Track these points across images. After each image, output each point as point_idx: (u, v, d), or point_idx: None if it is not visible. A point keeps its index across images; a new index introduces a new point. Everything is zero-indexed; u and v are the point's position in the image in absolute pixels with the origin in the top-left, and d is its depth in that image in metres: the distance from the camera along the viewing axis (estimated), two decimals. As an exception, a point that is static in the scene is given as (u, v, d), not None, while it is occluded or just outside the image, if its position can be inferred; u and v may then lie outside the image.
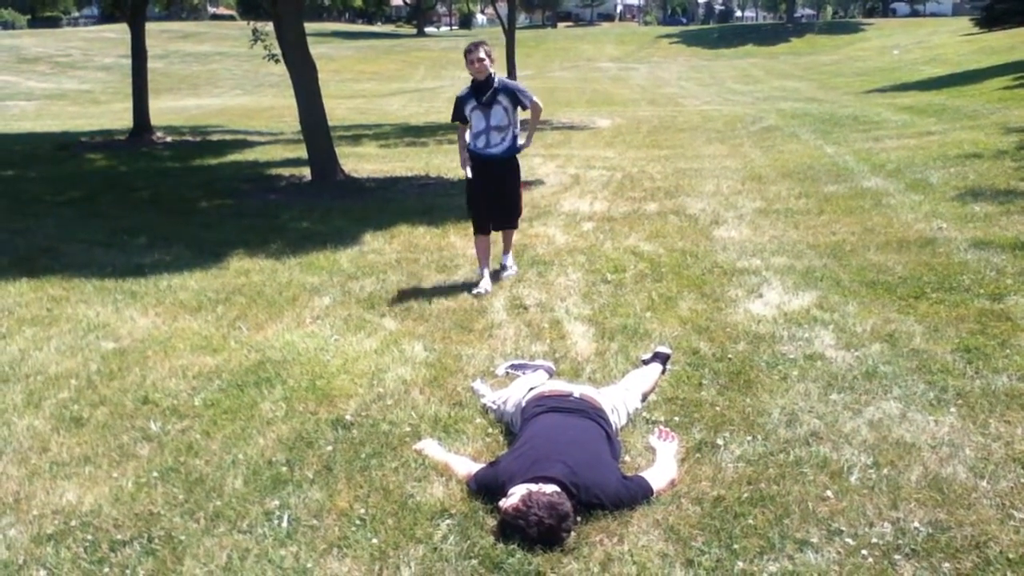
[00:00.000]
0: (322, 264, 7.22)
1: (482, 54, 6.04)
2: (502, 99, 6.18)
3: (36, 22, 79.44)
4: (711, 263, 6.79)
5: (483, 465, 3.48)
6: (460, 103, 6.32)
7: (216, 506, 3.35)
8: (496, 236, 6.73)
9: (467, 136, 6.38)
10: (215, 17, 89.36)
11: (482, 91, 6.16)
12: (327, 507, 3.31)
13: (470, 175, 6.34)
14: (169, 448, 3.88)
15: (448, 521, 3.18)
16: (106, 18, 62.77)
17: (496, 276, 6.54)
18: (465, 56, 6.17)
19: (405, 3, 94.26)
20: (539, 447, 3.39)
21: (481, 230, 6.50)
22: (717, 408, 4.11)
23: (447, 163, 13.83)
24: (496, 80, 6.18)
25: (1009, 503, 3.18)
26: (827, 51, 51.47)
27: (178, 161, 15.33)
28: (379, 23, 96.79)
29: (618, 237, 7.91)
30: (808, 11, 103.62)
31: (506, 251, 6.72)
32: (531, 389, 4.00)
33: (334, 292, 6.35)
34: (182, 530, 3.19)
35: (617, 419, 3.86)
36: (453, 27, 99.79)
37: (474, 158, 6.33)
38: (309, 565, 2.95)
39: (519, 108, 6.28)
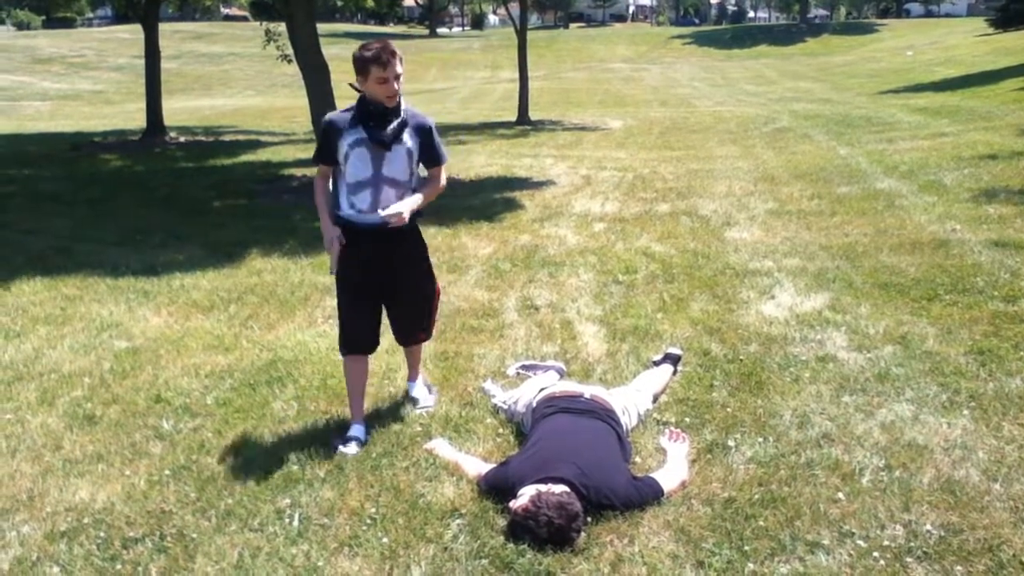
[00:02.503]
0: (334, 264, 7.23)
1: (400, 68, 3.63)
2: (408, 139, 3.77)
3: (50, 23, 79.94)
4: (723, 264, 6.77)
5: (493, 465, 3.49)
6: (334, 132, 3.76)
7: (228, 504, 3.37)
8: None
9: (332, 191, 3.93)
10: (228, 18, 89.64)
11: (380, 120, 3.70)
12: (338, 506, 3.32)
13: (335, 258, 3.88)
14: (181, 446, 3.91)
15: (459, 521, 3.19)
16: (120, 19, 63.11)
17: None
18: (371, 64, 3.59)
19: (417, 4, 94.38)
20: (549, 448, 3.40)
21: (357, 347, 4.03)
22: (728, 409, 4.10)
23: (458, 163, 13.84)
24: (404, 109, 3.77)
25: (1022, 506, 3.16)
26: (840, 52, 51.23)
27: (191, 161, 15.38)
28: (391, 24, 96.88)
29: (630, 238, 7.90)
30: (822, 12, 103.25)
31: (414, 374, 4.36)
32: (542, 390, 4.00)
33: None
34: (194, 528, 3.21)
35: (628, 420, 3.85)
36: (465, 28, 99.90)
37: (346, 231, 3.83)
38: (320, 564, 2.96)
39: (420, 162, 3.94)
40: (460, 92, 37.28)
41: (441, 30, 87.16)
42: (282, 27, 14.17)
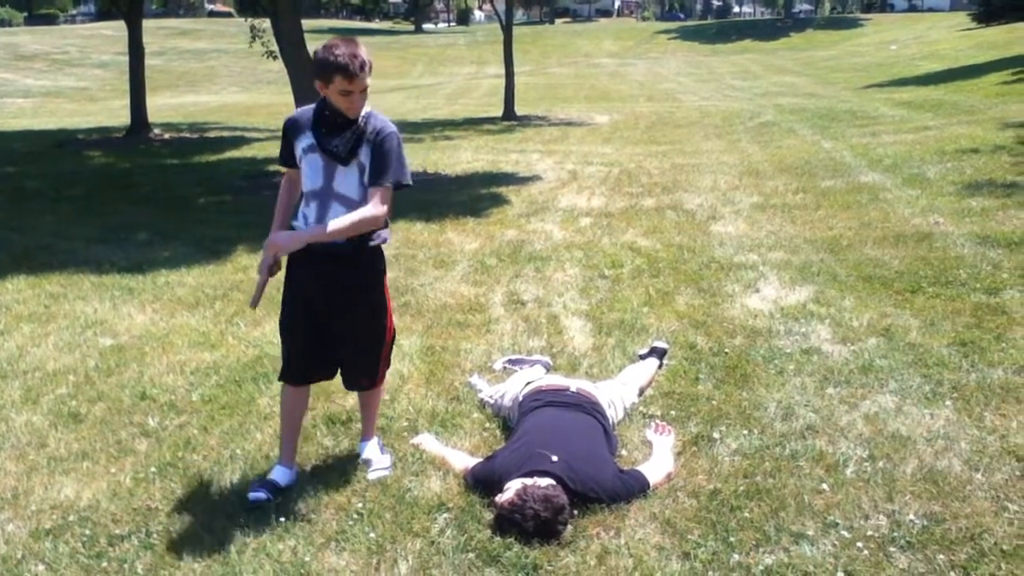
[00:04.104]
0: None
1: (369, 79, 3.14)
2: (363, 154, 3.23)
3: (33, 19, 79.40)
4: (708, 258, 6.80)
5: (480, 459, 3.49)
6: (292, 131, 3.39)
7: (214, 501, 3.37)
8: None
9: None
10: (212, 14, 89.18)
11: (334, 128, 3.23)
12: (325, 501, 3.32)
13: (259, 289, 3.51)
14: (167, 443, 3.89)
15: (445, 515, 3.19)
16: (103, 15, 62.65)
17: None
18: (336, 73, 3.08)
19: (403, 0, 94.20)
20: (535, 441, 3.40)
21: (295, 376, 3.55)
22: (714, 402, 4.12)
23: (444, 159, 13.83)
24: (365, 115, 3.24)
25: (1004, 495, 3.19)
26: (825, 46, 51.40)
27: (176, 158, 15.31)
28: (377, 20, 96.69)
29: (615, 233, 7.92)
30: (806, 6, 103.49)
31: (368, 432, 3.72)
32: (528, 384, 4.01)
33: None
34: (180, 525, 3.20)
35: (614, 413, 3.87)
36: (451, 24, 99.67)
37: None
38: (307, 559, 2.96)
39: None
40: (446, 88, 37.20)
41: (427, 26, 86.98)
42: (267, 23, 14.13)
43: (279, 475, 3.45)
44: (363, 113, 3.22)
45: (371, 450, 3.67)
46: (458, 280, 6.47)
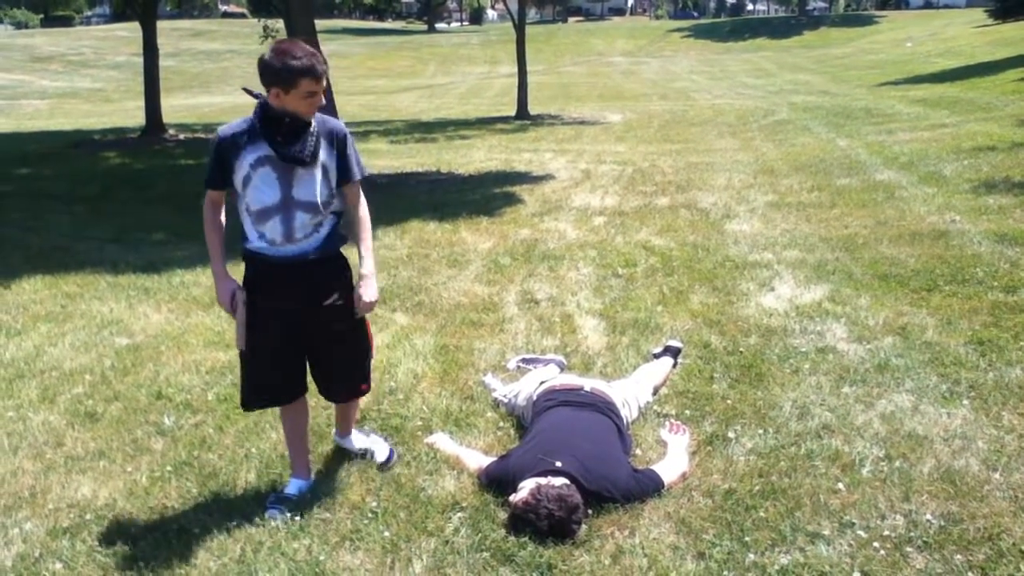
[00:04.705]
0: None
1: (325, 81, 3.07)
2: (323, 153, 3.13)
3: (49, 21, 79.95)
4: (723, 257, 6.77)
5: (494, 459, 3.49)
6: (230, 150, 3.09)
7: (229, 500, 3.38)
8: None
9: (244, 220, 3.25)
10: (226, 15, 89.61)
11: (290, 133, 3.05)
12: (339, 500, 3.33)
13: (242, 325, 3.20)
14: (183, 442, 3.91)
15: (460, 514, 3.19)
16: (118, 17, 63.02)
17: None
18: (302, 76, 2.96)
19: (416, 0, 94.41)
20: (549, 441, 3.40)
21: (275, 399, 3.40)
22: (728, 401, 4.11)
23: (458, 159, 13.84)
24: (318, 119, 3.14)
25: (1022, 495, 3.16)
26: (839, 44, 51.14)
27: (191, 158, 15.38)
28: (390, 19, 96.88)
29: (629, 231, 7.90)
30: (820, 4, 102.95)
31: (347, 429, 3.67)
32: (542, 383, 4.01)
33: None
34: (196, 523, 3.21)
35: (628, 413, 3.86)
36: (464, 23, 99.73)
37: (257, 263, 3.22)
38: (322, 558, 2.97)
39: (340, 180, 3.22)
40: (459, 87, 37.23)
41: (439, 25, 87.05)
42: (280, 23, 14.18)
43: (294, 488, 3.41)
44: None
45: (359, 440, 3.65)
46: (472, 279, 6.47)
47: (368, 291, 3.22)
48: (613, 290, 6.04)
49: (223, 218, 3.26)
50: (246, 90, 3.30)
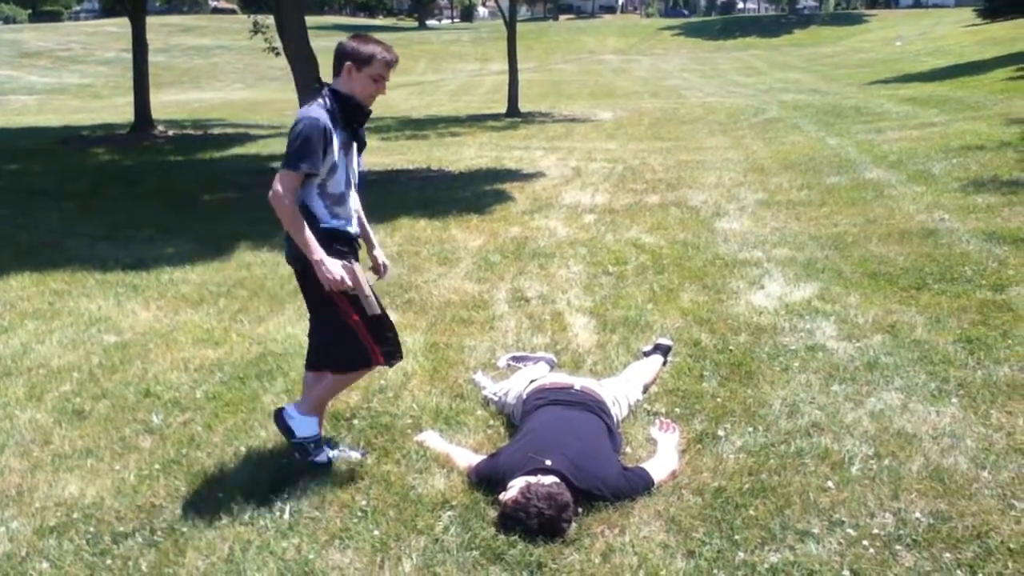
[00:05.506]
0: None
1: (391, 73, 3.37)
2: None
3: (37, 16, 79.43)
4: (713, 255, 6.78)
5: (484, 457, 3.49)
6: (328, 134, 3.23)
7: (218, 498, 3.36)
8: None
9: (316, 204, 3.35)
10: (216, 11, 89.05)
11: (364, 118, 3.40)
12: (329, 499, 3.32)
13: (356, 277, 3.30)
14: (171, 440, 3.89)
15: (449, 513, 3.19)
16: (107, 12, 62.74)
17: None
18: (382, 65, 3.27)
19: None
20: (539, 439, 3.40)
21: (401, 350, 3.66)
22: (718, 399, 4.11)
23: (448, 156, 13.82)
24: None
25: (1010, 493, 3.17)
26: (830, 42, 51.29)
27: (180, 155, 15.33)
28: (380, 16, 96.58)
29: (620, 229, 7.90)
30: (810, 2, 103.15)
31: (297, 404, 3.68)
32: (532, 381, 4.00)
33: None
34: (184, 522, 3.20)
35: (618, 411, 3.86)
36: (455, 20, 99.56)
37: (340, 237, 3.40)
38: (311, 556, 2.95)
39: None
40: (449, 84, 37.21)
41: (430, 22, 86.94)
42: (270, 19, 14.13)
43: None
44: None
45: (290, 416, 3.56)
46: (462, 277, 6.46)
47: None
48: (603, 288, 6.04)
49: (295, 205, 3.31)
50: (321, 82, 3.43)
